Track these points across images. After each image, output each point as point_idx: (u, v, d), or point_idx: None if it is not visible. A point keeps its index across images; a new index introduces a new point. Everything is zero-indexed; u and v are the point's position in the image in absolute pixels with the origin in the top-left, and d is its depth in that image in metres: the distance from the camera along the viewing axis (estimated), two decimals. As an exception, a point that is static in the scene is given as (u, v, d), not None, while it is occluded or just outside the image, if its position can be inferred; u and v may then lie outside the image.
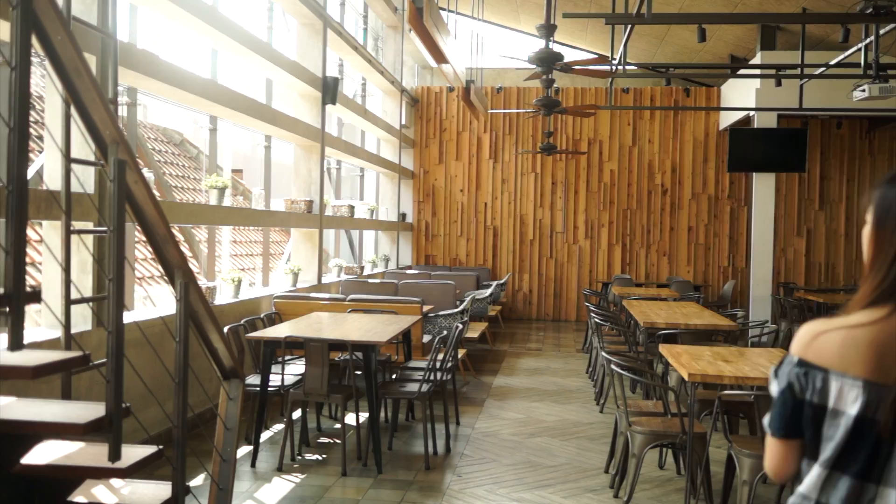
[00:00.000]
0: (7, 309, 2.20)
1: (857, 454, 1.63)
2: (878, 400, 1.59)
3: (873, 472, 1.61)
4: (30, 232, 6.90)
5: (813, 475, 1.70)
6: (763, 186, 12.79)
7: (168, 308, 6.41)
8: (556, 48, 8.21)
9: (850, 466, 1.63)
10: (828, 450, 1.66)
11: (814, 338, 1.68)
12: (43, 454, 2.66)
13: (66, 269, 3.01)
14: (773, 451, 1.77)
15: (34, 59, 2.28)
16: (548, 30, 7.99)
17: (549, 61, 8.13)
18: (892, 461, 1.61)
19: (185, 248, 10.18)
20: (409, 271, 13.44)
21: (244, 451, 5.79)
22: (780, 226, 14.54)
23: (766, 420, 1.77)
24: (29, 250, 6.70)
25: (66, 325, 3.07)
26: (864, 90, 8.81)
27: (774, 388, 1.73)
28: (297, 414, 6.43)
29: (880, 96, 8.67)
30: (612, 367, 4.99)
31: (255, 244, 13.75)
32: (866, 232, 1.77)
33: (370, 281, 10.41)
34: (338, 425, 6.68)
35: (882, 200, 1.73)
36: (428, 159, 15.76)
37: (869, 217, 1.76)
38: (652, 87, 15.27)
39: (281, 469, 5.48)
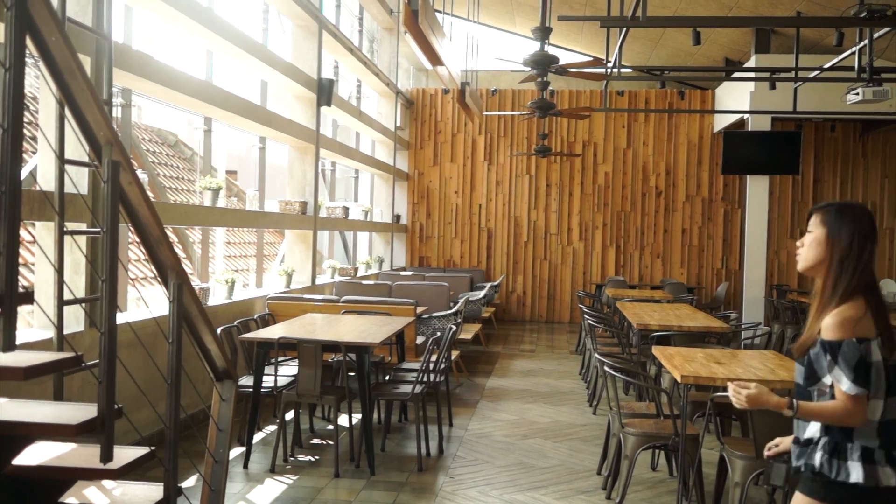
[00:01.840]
0: (0, 310, 2.21)
1: (890, 380, 2.54)
2: (887, 343, 2.56)
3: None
4: (23, 233, 6.90)
5: (872, 405, 2.52)
6: (757, 189, 12.83)
7: (161, 309, 6.40)
8: (551, 51, 8.23)
9: (892, 389, 2.55)
10: (878, 385, 2.51)
11: (853, 325, 2.53)
12: (34, 455, 2.66)
13: (59, 270, 3.01)
14: (863, 404, 2.51)
15: (28, 60, 2.28)
16: (543, 32, 8.00)
17: (544, 64, 8.15)
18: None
19: (178, 250, 10.17)
20: (402, 273, 13.44)
21: (237, 452, 5.79)
22: (774, 228, 14.58)
23: (850, 387, 2.49)
24: (22, 251, 6.69)
25: (59, 326, 3.07)
26: (857, 93, 8.84)
27: (843, 371, 2.51)
28: (289, 415, 6.43)
29: (874, 99, 8.71)
30: (606, 368, 5.00)
31: (249, 245, 13.73)
32: (818, 242, 2.66)
33: (364, 282, 10.41)
34: (330, 427, 6.68)
35: (856, 225, 2.61)
36: (422, 161, 15.77)
37: (822, 232, 2.65)
38: (646, 89, 15.30)
39: (273, 470, 5.48)
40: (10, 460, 2.57)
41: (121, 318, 3.88)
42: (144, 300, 8.28)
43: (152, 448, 2.80)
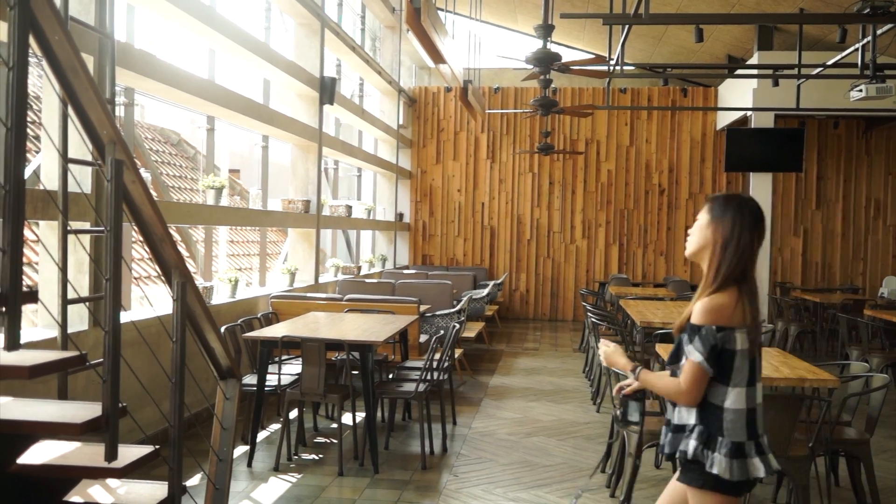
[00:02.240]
0: (4, 309, 2.21)
1: (752, 370, 2.67)
2: (753, 334, 2.67)
3: (757, 378, 2.69)
4: (27, 232, 6.90)
5: (734, 393, 2.64)
6: (760, 186, 12.80)
7: (165, 308, 6.40)
8: (553, 48, 8.22)
9: (753, 378, 2.67)
10: (741, 375, 2.64)
11: (719, 313, 2.63)
12: (39, 454, 2.66)
13: (63, 269, 3.01)
14: (699, 386, 2.64)
15: (31, 59, 2.28)
16: (545, 30, 7.99)
17: (546, 61, 8.14)
18: (757, 364, 2.70)
19: (182, 248, 10.17)
20: (406, 271, 13.44)
21: (241, 450, 5.79)
22: (777, 225, 14.56)
23: (703, 367, 2.61)
24: (26, 250, 6.69)
25: (63, 325, 3.08)
26: (861, 90, 8.81)
27: (699, 350, 2.62)
28: (293, 414, 6.43)
29: (877, 96, 8.68)
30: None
31: (252, 244, 13.74)
32: (703, 228, 2.75)
33: (367, 281, 10.42)
34: (334, 425, 6.68)
35: (738, 214, 2.69)
36: (425, 159, 15.76)
37: (707, 218, 2.74)
38: (649, 87, 15.28)
39: (277, 469, 5.48)
40: (15, 459, 2.57)
41: (125, 317, 3.88)
42: (148, 299, 8.29)
43: (157, 447, 2.80)
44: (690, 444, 2.66)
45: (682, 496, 2.77)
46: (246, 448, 5.76)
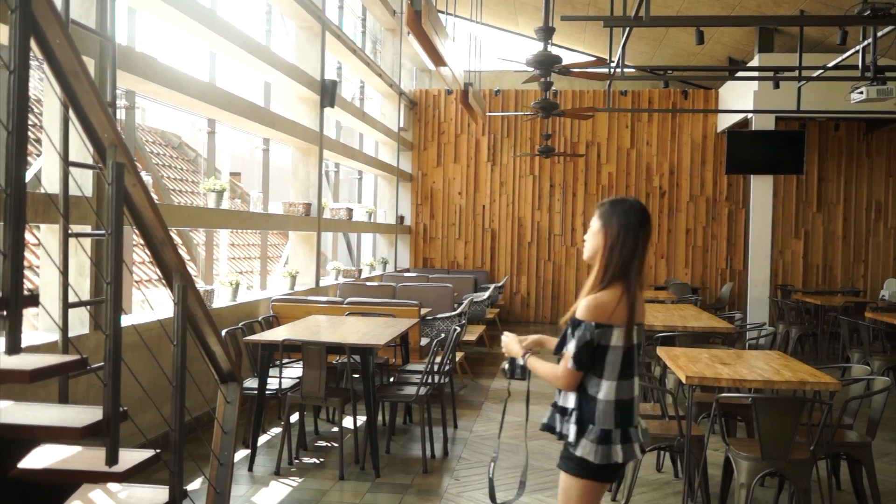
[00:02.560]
0: (4, 313, 2.20)
1: (626, 364, 2.86)
2: (632, 332, 2.86)
3: (632, 372, 2.89)
4: (28, 235, 6.90)
5: (606, 386, 2.84)
6: (761, 189, 12.80)
7: (166, 311, 6.40)
8: (554, 51, 8.22)
9: (626, 372, 2.86)
10: (613, 368, 2.84)
11: (599, 311, 2.83)
12: (40, 458, 2.66)
13: (64, 273, 3.01)
14: (574, 376, 2.87)
15: (32, 63, 2.28)
16: (546, 32, 7.99)
17: (547, 64, 8.14)
18: (636, 360, 2.90)
19: (182, 252, 10.17)
20: (407, 274, 13.44)
21: (241, 454, 5.79)
22: (778, 228, 14.55)
23: (571, 362, 2.83)
24: (27, 254, 6.69)
25: (64, 329, 3.07)
26: (861, 92, 8.82)
27: (573, 346, 2.83)
28: (294, 417, 6.42)
29: (878, 98, 8.68)
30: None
31: (253, 247, 13.74)
32: (595, 233, 2.95)
33: (368, 284, 10.41)
34: (335, 429, 6.67)
35: (623, 217, 2.90)
36: (426, 162, 15.76)
37: (598, 224, 2.94)
38: (650, 89, 15.29)
39: (278, 473, 5.48)
40: (15, 463, 2.57)
41: (126, 321, 3.88)
42: (149, 302, 8.28)
43: (157, 451, 2.80)
44: (571, 429, 2.88)
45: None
46: (247, 452, 5.76)
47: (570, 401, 2.92)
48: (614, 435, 2.83)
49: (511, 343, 3.22)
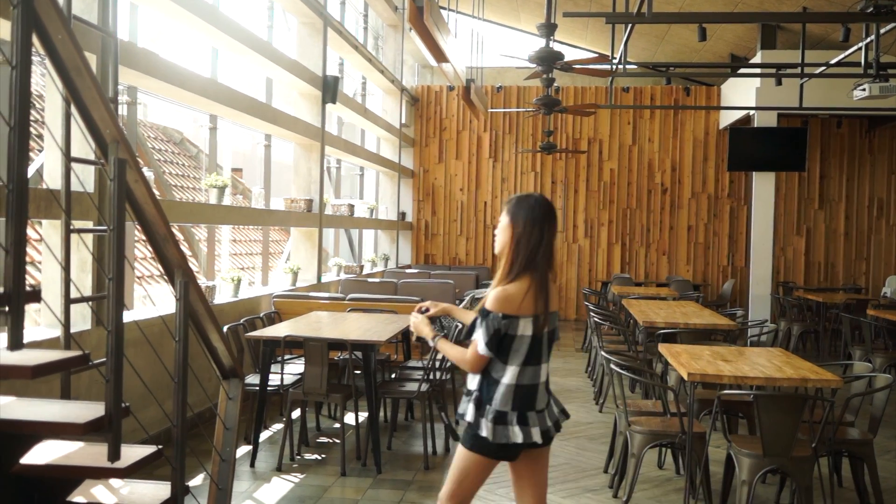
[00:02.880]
0: (7, 308, 2.20)
1: (532, 352, 3.02)
2: (540, 322, 3.02)
3: (538, 359, 3.06)
4: (30, 231, 6.90)
5: (510, 371, 3.00)
6: (763, 185, 12.79)
7: (167, 307, 6.41)
8: (556, 47, 8.21)
9: (531, 359, 3.02)
10: (518, 356, 3.00)
11: (507, 303, 2.99)
12: (42, 454, 2.66)
13: (66, 269, 3.01)
14: (480, 361, 3.04)
15: (35, 58, 2.28)
16: (548, 29, 7.99)
17: (549, 60, 8.13)
18: (544, 349, 3.08)
19: (184, 248, 10.17)
20: (408, 270, 13.44)
21: (243, 450, 5.79)
22: (780, 225, 14.53)
23: (481, 347, 3.00)
24: (29, 249, 6.69)
25: (66, 325, 3.07)
26: (864, 89, 8.80)
27: (482, 334, 3.00)
28: (296, 413, 6.42)
29: (880, 95, 8.67)
30: (612, 366, 4.99)
31: (255, 243, 13.74)
32: (504, 228, 3.12)
33: (370, 280, 10.41)
34: (337, 425, 6.67)
35: (529, 212, 3.05)
36: (428, 158, 15.75)
37: (506, 219, 3.11)
38: (652, 86, 15.26)
39: (280, 469, 5.48)
40: (18, 459, 2.57)
41: (127, 317, 3.88)
42: (151, 298, 8.29)
43: (160, 446, 2.80)
44: (469, 408, 3.06)
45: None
46: (249, 448, 5.76)
47: (474, 383, 3.09)
48: (510, 417, 2.98)
49: (421, 325, 3.31)
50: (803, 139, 12.54)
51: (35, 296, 2.39)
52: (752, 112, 12.63)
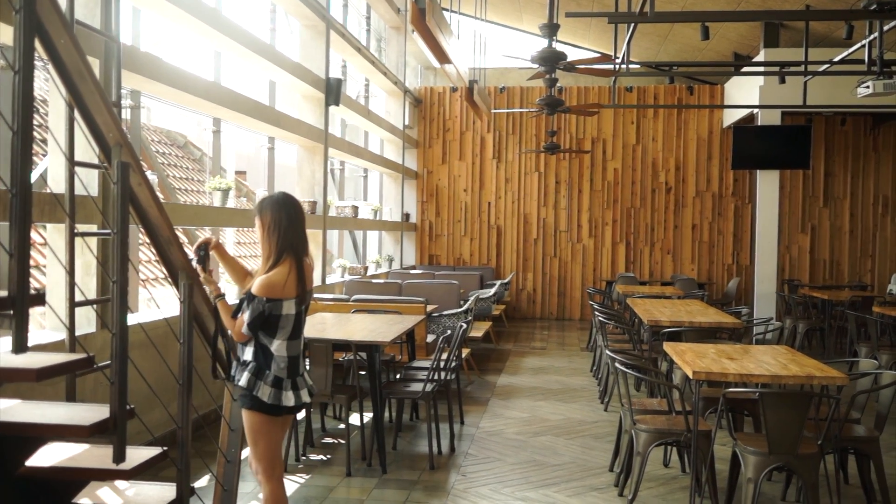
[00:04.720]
0: (11, 311, 2.21)
1: (295, 328, 3.55)
2: (304, 301, 3.58)
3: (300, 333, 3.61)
4: (34, 235, 6.93)
5: (278, 344, 3.50)
6: (767, 184, 12.76)
7: (172, 310, 6.43)
8: (559, 47, 8.21)
9: (295, 334, 3.56)
10: (285, 332, 3.50)
11: (270, 289, 3.44)
12: (47, 456, 2.67)
13: (70, 272, 3.02)
14: (243, 337, 3.49)
15: (37, 63, 2.29)
16: (551, 29, 7.99)
17: (552, 60, 8.13)
18: (303, 323, 3.63)
19: (188, 250, 10.18)
20: (412, 271, 13.44)
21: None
22: (785, 223, 14.50)
23: (245, 327, 3.45)
24: (33, 253, 6.72)
25: (71, 328, 3.08)
26: (868, 86, 8.79)
27: (248, 316, 3.45)
28: (301, 414, 6.43)
29: (884, 92, 8.65)
30: (617, 365, 4.99)
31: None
32: (258, 227, 3.58)
33: (374, 281, 10.42)
34: (342, 425, 6.68)
35: (271, 204, 3.57)
36: (431, 159, 15.76)
37: (257, 220, 3.57)
38: (655, 85, 15.25)
39: (286, 470, 5.48)
40: (23, 461, 2.58)
41: (132, 319, 3.88)
42: (155, 301, 8.31)
43: (165, 448, 2.81)
44: (244, 376, 3.46)
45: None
46: (254, 449, 5.76)
47: (248, 354, 3.51)
48: (286, 383, 3.50)
49: (208, 283, 3.55)
50: (807, 137, 12.52)
51: (40, 299, 2.41)
52: (755, 110, 12.61)
